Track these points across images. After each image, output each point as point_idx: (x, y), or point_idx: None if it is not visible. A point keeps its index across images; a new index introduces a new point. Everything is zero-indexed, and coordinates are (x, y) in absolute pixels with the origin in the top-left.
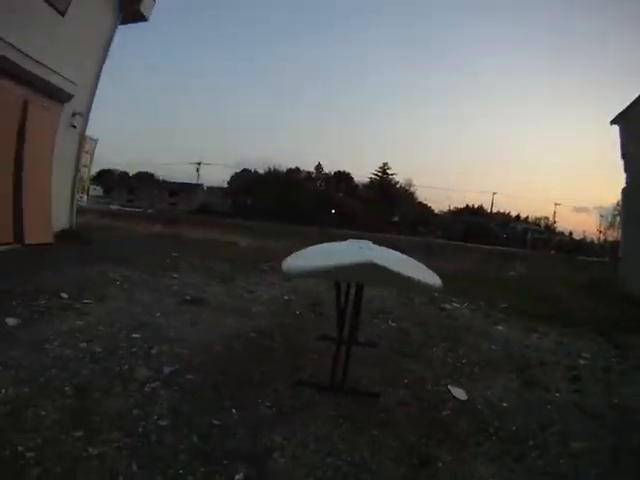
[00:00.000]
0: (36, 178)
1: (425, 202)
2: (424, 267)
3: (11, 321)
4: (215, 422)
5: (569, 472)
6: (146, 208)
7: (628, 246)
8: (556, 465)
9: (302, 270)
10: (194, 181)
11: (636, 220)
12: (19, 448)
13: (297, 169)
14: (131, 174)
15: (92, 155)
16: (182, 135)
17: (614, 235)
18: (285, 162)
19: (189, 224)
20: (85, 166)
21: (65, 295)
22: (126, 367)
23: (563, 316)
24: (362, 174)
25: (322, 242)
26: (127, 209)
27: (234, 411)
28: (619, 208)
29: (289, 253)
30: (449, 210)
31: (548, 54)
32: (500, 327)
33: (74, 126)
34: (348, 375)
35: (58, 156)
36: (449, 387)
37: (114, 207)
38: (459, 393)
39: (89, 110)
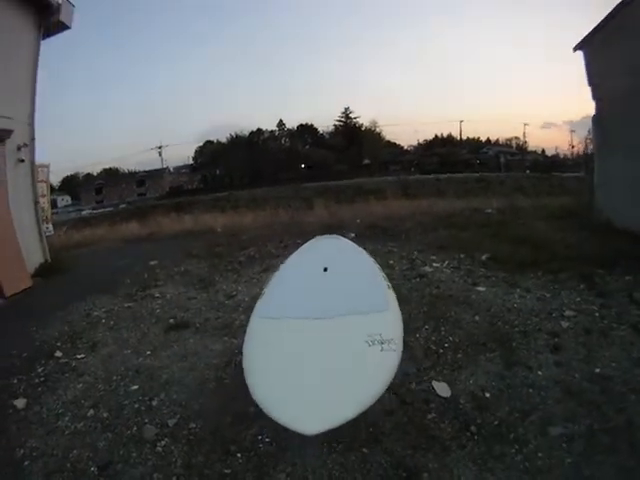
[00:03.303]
0: None
1: (393, 140)
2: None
3: (19, 403)
4: (225, 471)
5: (545, 466)
6: (117, 205)
7: (602, 174)
8: (534, 459)
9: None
10: (159, 166)
11: (609, 148)
12: None
13: (259, 130)
14: (96, 173)
15: (47, 181)
16: (140, 123)
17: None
18: (248, 125)
19: (161, 213)
20: (43, 195)
21: (59, 354)
22: (135, 429)
23: (545, 261)
24: (326, 123)
25: (295, 203)
26: (98, 211)
27: (239, 455)
28: (590, 137)
29: (264, 233)
30: (419, 144)
31: None
32: (482, 288)
33: (22, 160)
34: None
35: (13, 194)
36: (433, 383)
37: (85, 213)
38: (442, 389)
39: (34, 138)
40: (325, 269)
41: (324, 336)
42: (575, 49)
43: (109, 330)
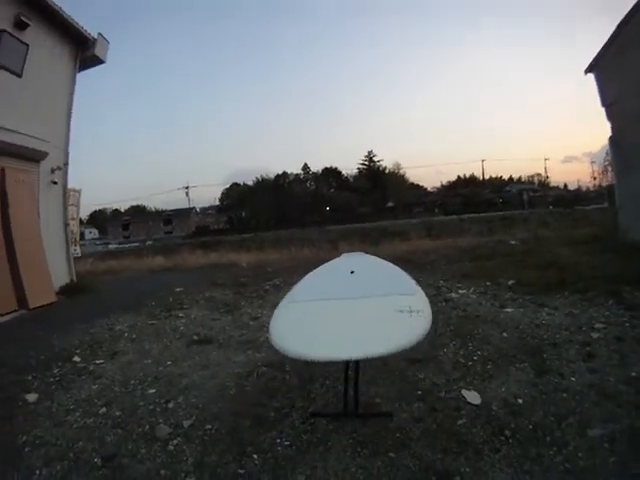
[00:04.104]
0: (27, 241)
1: (417, 182)
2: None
3: (30, 397)
4: (240, 471)
5: (587, 465)
6: (143, 241)
7: (624, 194)
8: (575, 460)
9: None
10: (186, 205)
11: (628, 167)
12: None
13: (284, 173)
14: (123, 210)
15: (78, 206)
16: (167, 162)
17: (608, 179)
18: (274, 168)
19: (187, 250)
20: (73, 218)
21: (78, 359)
22: (147, 427)
23: (571, 282)
24: (350, 166)
25: (320, 244)
26: (125, 246)
27: (255, 456)
28: (608, 158)
29: (289, 266)
30: (442, 185)
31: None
32: (509, 309)
33: (55, 182)
34: (361, 395)
35: (45, 214)
36: (463, 392)
37: (112, 246)
38: (473, 397)
39: (67, 163)
40: (352, 272)
41: (353, 310)
42: (586, 72)
43: (131, 342)
